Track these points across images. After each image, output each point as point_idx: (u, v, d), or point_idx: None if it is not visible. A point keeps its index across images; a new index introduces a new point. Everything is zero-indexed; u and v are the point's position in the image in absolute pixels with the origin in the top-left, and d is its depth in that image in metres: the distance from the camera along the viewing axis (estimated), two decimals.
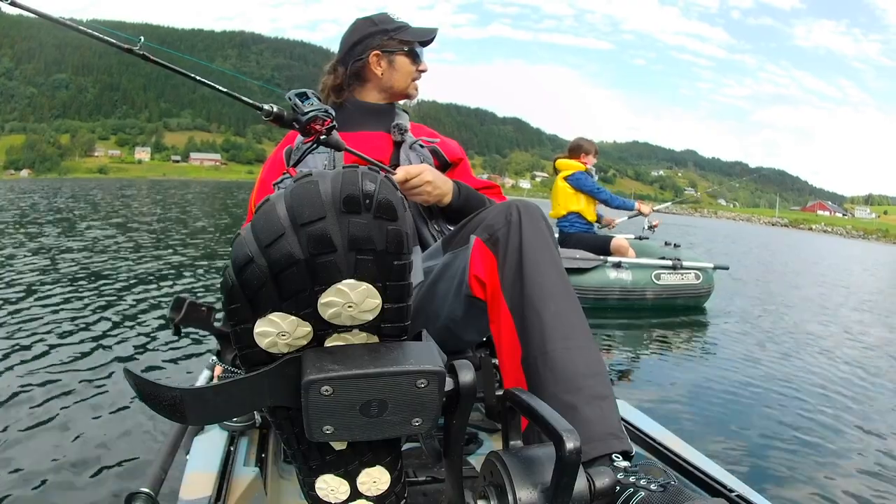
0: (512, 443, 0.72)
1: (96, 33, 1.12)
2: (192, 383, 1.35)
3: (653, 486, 0.66)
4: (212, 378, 1.27)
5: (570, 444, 0.59)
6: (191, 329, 1.16)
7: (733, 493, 0.97)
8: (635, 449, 0.81)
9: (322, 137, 1.18)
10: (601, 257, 4.50)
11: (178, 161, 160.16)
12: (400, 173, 1.25)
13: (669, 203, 8.66)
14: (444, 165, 1.51)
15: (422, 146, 1.47)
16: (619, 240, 4.73)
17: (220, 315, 1.12)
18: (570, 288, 0.92)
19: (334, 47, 1.61)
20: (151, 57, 1.11)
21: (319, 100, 1.20)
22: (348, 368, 0.58)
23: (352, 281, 0.58)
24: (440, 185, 1.31)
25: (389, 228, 0.57)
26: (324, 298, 0.58)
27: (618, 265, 4.53)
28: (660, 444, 1.19)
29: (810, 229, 51.18)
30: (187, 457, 1.02)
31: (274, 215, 0.55)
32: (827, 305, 6.29)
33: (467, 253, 1.00)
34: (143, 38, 1.10)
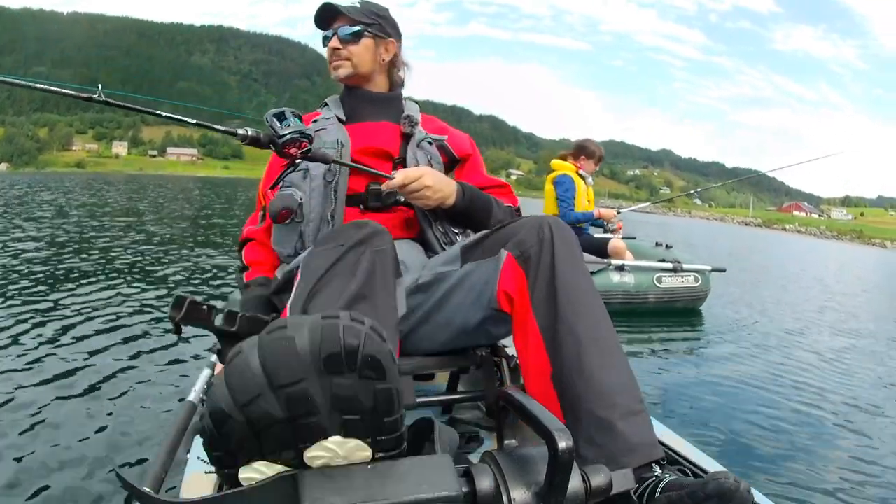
0: (506, 442, 0.73)
1: (55, 88, 1.08)
2: (193, 384, 1.34)
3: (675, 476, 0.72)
4: (212, 376, 1.25)
5: (562, 443, 0.59)
6: (191, 328, 1.15)
7: None
8: None
9: (297, 161, 1.14)
10: (604, 260, 4.41)
11: (154, 156, 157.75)
12: (398, 178, 1.21)
13: (634, 207, 8.48)
14: (451, 161, 1.47)
15: (430, 143, 1.41)
16: (617, 241, 4.60)
17: (221, 314, 1.11)
18: (601, 304, 0.94)
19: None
20: (113, 101, 1.04)
21: (300, 118, 1.14)
22: (352, 499, 0.54)
23: (338, 438, 0.55)
24: (441, 189, 1.26)
25: (378, 388, 0.54)
26: (310, 453, 0.55)
27: (621, 268, 4.43)
28: (665, 445, 1.22)
29: (784, 229, 51.71)
30: (187, 457, 1.02)
31: (249, 373, 0.52)
32: (813, 304, 6.35)
33: (494, 266, 1.01)
34: (101, 87, 1.03)
